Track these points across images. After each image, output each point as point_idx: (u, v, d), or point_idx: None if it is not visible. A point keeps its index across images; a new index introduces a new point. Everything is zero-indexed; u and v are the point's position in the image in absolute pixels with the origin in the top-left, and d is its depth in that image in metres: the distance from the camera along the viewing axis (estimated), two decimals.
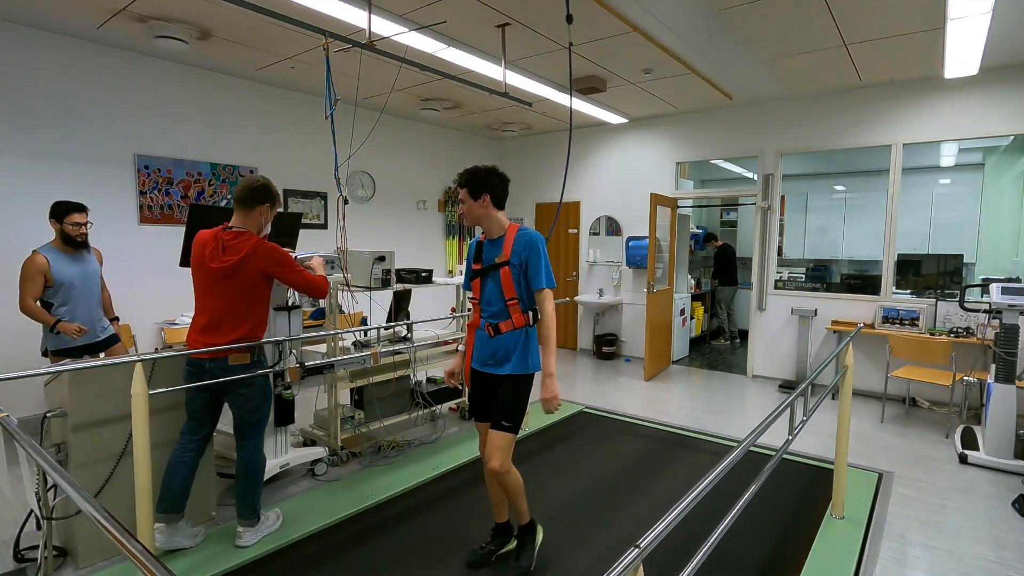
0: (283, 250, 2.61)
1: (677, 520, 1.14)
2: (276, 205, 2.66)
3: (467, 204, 2.36)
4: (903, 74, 4.94)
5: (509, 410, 2.32)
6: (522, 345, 2.34)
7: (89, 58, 4.32)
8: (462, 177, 2.37)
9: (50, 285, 3.18)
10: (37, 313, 3.16)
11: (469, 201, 2.35)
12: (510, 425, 2.31)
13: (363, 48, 3.55)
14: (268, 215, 2.62)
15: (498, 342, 2.35)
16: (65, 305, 3.24)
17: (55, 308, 3.21)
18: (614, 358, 7.04)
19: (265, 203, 2.59)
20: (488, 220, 2.36)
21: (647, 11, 3.70)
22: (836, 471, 2.95)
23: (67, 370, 2.35)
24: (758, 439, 1.68)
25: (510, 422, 2.31)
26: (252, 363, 2.61)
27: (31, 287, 3.13)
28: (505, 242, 2.32)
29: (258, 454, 2.68)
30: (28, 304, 3.14)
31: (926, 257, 5.39)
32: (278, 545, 2.66)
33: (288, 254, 2.64)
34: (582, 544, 2.70)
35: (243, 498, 2.64)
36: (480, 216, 2.36)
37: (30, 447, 1.46)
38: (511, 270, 2.29)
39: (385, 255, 3.59)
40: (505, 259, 2.30)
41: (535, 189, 7.83)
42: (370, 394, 3.79)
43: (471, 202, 2.34)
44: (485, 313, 2.38)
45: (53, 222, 3.24)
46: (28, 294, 3.13)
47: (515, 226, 2.36)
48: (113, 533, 1.04)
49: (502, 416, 2.31)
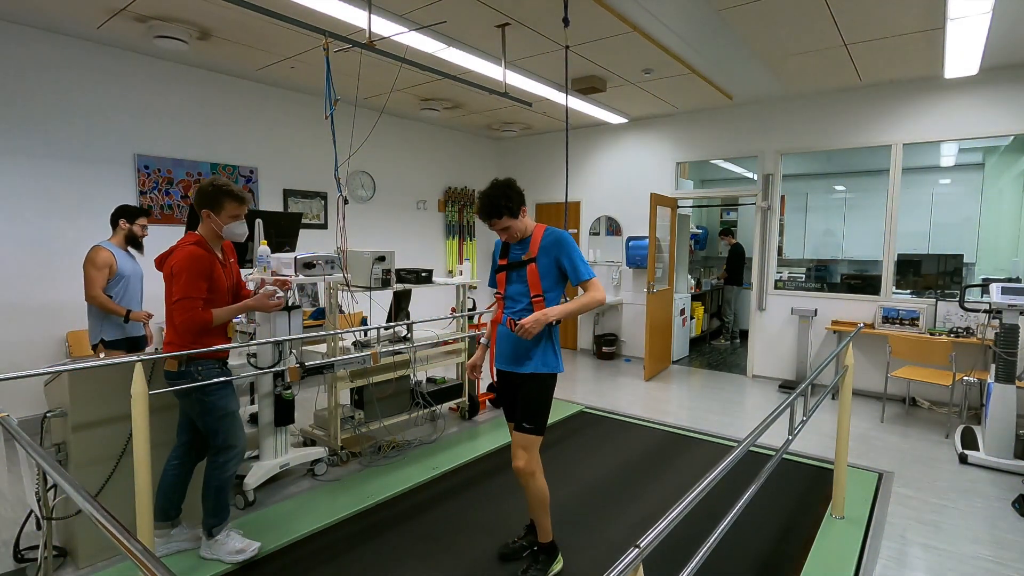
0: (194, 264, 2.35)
1: (677, 520, 1.14)
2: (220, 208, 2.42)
3: (513, 226, 2.30)
4: (903, 74, 4.94)
5: (531, 411, 2.32)
6: (544, 343, 2.33)
7: (89, 58, 4.32)
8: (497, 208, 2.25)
9: (112, 277, 3.40)
10: (108, 303, 3.37)
11: (513, 222, 2.30)
12: (531, 427, 2.31)
13: (363, 48, 3.55)
14: (216, 219, 2.43)
15: (520, 339, 2.31)
16: (121, 299, 3.46)
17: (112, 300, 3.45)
18: (614, 358, 7.04)
19: (203, 209, 2.43)
20: (529, 227, 2.37)
21: (647, 11, 3.70)
22: (836, 471, 2.95)
23: (67, 370, 2.35)
24: (758, 439, 1.68)
25: (531, 424, 2.31)
26: (178, 372, 2.42)
27: (100, 277, 3.34)
28: (532, 240, 2.33)
29: (218, 470, 2.51)
30: (99, 293, 3.34)
31: (926, 257, 5.38)
32: (278, 545, 2.66)
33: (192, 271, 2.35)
34: (582, 544, 2.70)
35: (203, 509, 2.54)
36: (527, 225, 2.36)
37: (30, 447, 1.46)
38: (538, 267, 2.30)
39: (385, 255, 3.59)
40: (532, 256, 2.32)
41: (535, 189, 7.82)
42: (370, 394, 3.79)
43: (514, 221, 2.30)
44: (509, 309, 2.39)
45: (123, 222, 3.54)
46: (97, 284, 3.34)
47: (541, 226, 2.37)
48: (113, 533, 1.04)
49: (524, 417, 2.32)
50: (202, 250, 2.43)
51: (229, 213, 2.46)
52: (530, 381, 2.33)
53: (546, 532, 2.42)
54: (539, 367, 2.32)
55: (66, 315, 4.27)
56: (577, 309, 2.28)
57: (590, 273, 2.29)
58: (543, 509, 2.37)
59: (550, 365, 2.34)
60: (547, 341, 2.34)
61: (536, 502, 2.36)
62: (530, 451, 2.31)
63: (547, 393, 2.35)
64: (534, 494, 2.35)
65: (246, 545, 2.53)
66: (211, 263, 2.44)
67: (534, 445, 2.32)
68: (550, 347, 2.35)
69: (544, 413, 2.34)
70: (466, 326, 4.56)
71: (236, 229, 2.50)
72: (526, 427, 2.31)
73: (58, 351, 4.25)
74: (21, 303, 4.08)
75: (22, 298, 4.08)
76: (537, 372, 2.32)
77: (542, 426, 2.33)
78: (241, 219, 2.52)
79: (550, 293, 2.32)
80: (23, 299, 4.09)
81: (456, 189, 7.61)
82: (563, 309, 2.26)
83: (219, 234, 2.49)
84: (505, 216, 2.27)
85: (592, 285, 2.28)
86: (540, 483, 2.34)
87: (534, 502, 2.37)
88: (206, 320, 2.37)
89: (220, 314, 2.44)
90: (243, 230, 2.54)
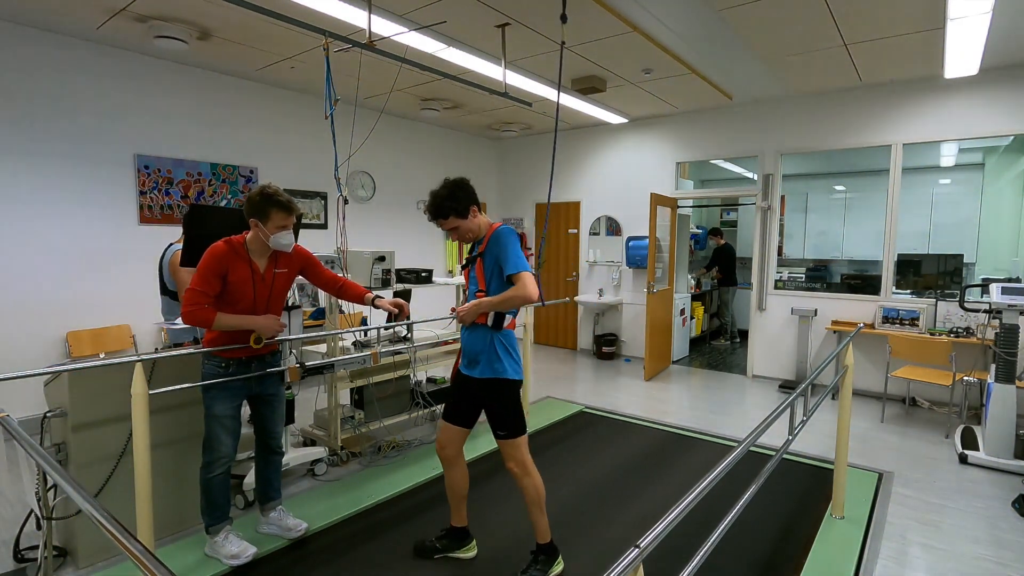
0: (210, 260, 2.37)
1: (677, 520, 1.14)
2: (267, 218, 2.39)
3: (461, 226, 2.33)
4: (903, 74, 4.94)
5: (496, 419, 2.34)
6: (489, 347, 2.31)
7: (89, 58, 4.32)
8: (441, 208, 2.30)
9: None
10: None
11: (461, 222, 2.33)
12: (503, 433, 2.32)
13: (363, 48, 3.55)
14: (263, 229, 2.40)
15: (470, 339, 2.36)
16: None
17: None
18: (614, 358, 7.04)
19: (251, 218, 2.41)
20: (483, 227, 2.39)
21: (647, 11, 3.70)
22: (836, 471, 2.95)
23: (67, 370, 2.35)
24: (758, 439, 1.68)
25: (503, 430, 2.33)
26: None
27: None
28: (485, 237, 2.36)
29: (201, 469, 2.53)
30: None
31: (926, 257, 5.38)
32: (278, 545, 2.66)
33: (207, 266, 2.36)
34: (582, 544, 2.70)
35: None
36: (479, 225, 2.38)
37: (30, 447, 1.46)
38: (484, 263, 2.33)
39: (385, 255, 3.59)
40: (480, 253, 2.35)
41: (535, 189, 7.82)
42: (370, 394, 3.79)
43: (463, 221, 2.33)
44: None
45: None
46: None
47: (496, 224, 2.40)
48: (113, 533, 1.04)
49: (494, 426, 2.35)
50: (225, 248, 2.40)
51: (276, 223, 2.41)
52: (485, 388, 2.34)
53: (543, 533, 2.41)
54: (486, 371, 2.32)
55: (66, 315, 4.27)
56: (500, 302, 2.24)
57: (518, 267, 2.22)
58: (539, 508, 2.37)
59: (497, 371, 2.31)
60: (494, 346, 2.31)
61: (531, 500, 2.36)
62: (514, 452, 2.32)
63: (504, 401, 2.33)
64: (528, 492, 2.35)
65: (241, 550, 2.52)
66: (229, 264, 2.39)
67: (515, 447, 2.32)
68: (496, 352, 2.31)
69: (510, 418, 2.33)
70: None
71: (282, 239, 2.45)
72: (499, 434, 2.33)
73: (58, 351, 4.25)
74: (21, 303, 4.08)
75: (22, 298, 4.08)
76: (484, 377, 2.32)
77: (516, 429, 2.32)
78: (288, 229, 2.47)
79: (493, 289, 2.32)
80: (23, 299, 4.09)
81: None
82: (491, 301, 2.26)
83: (267, 243, 2.45)
84: (452, 216, 2.29)
85: (519, 279, 2.21)
86: (534, 480, 2.34)
87: (529, 500, 2.37)
88: (207, 318, 2.34)
89: (223, 319, 2.39)
90: (289, 240, 2.48)
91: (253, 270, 2.47)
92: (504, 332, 2.34)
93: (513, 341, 2.38)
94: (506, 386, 2.32)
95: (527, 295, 2.20)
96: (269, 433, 2.74)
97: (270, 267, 2.53)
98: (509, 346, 2.35)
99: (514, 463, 2.33)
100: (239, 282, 2.43)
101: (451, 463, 2.49)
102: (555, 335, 7.91)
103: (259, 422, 2.73)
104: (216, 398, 2.49)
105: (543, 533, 2.41)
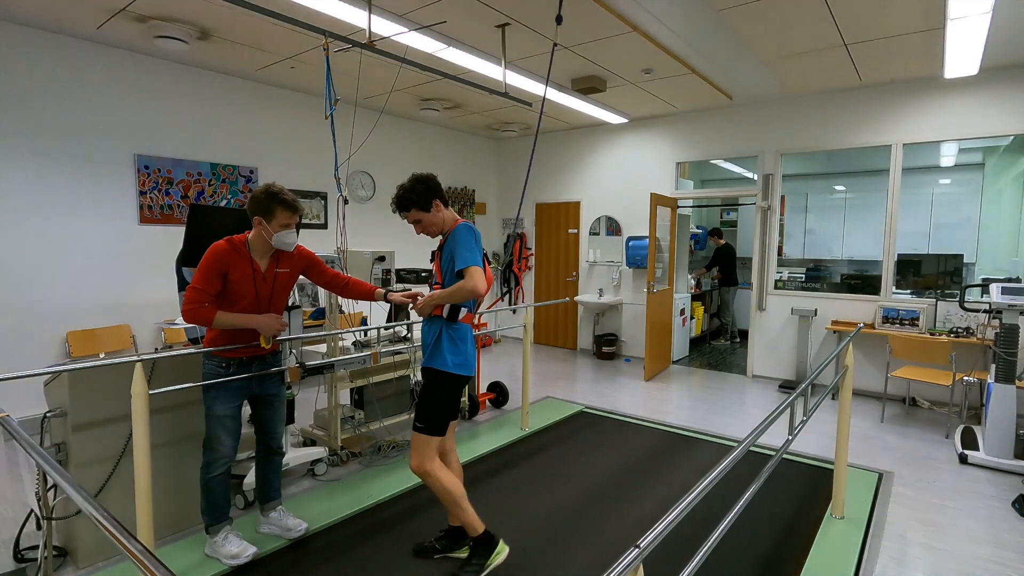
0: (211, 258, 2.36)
1: (677, 520, 1.14)
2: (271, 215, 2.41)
3: (423, 219, 2.37)
4: (903, 74, 4.94)
5: (421, 409, 2.34)
6: (436, 339, 2.32)
7: (89, 58, 4.32)
8: (403, 200, 2.35)
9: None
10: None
11: (424, 215, 2.35)
12: (421, 426, 2.32)
13: (363, 48, 3.55)
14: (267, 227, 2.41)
15: (425, 329, 2.39)
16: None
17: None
18: (614, 358, 7.04)
19: (255, 215, 2.43)
20: (447, 223, 2.41)
21: (647, 11, 3.70)
22: (836, 471, 2.95)
23: (67, 370, 2.35)
24: (758, 439, 1.68)
25: (421, 423, 2.33)
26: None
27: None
28: (446, 232, 2.40)
29: (201, 469, 2.52)
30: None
31: (926, 257, 5.38)
32: (278, 545, 2.66)
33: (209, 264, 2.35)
34: (582, 544, 2.70)
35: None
36: (443, 220, 2.40)
37: (30, 447, 1.46)
38: (441, 258, 2.37)
39: (385, 255, 3.59)
40: (441, 245, 2.40)
41: (535, 189, 7.82)
42: (370, 394, 3.79)
43: (425, 215, 2.36)
44: None
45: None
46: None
47: (459, 220, 2.42)
48: (113, 533, 1.04)
49: (416, 416, 2.36)
50: (226, 247, 2.40)
51: (280, 221, 2.42)
52: (425, 376, 2.36)
53: (471, 526, 2.38)
54: (431, 362, 2.34)
55: (66, 315, 4.27)
56: (449, 294, 2.27)
57: (467, 262, 2.24)
58: (455, 504, 2.34)
59: (435, 361, 2.32)
60: (441, 337, 2.32)
61: (442, 499, 2.34)
62: (419, 451, 2.31)
63: (436, 392, 2.33)
64: (437, 494, 2.34)
65: (241, 550, 2.52)
66: (230, 262, 2.39)
67: (423, 445, 2.31)
68: (442, 343, 2.31)
69: (431, 413, 2.32)
70: None
71: (285, 238, 2.45)
72: (417, 426, 2.34)
73: (58, 351, 4.25)
74: (21, 303, 4.08)
75: (22, 298, 4.08)
76: (427, 366, 2.34)
77: (432, 426, 2.31)
78: (292, 228, 2.48)
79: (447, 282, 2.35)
80: (23, 299, 4.09)
81: (456, 189, 7.61)
82: (442, 293, 2.30)
83: (269, 242, 2.45)
84: (413, 209, 2.35)
85: (467, 273, 2.23)
86: (437, 482, 2.32)
87: (442, 501, 2.35)
88: (207, 316, 2.34)
89: (224, 317, 2.39)
90: (292, 239, 2.49)
91: (254, 269, 2.47)
92: (457, 325, 2.34)
93: (465, 334, 2.37)
94: (440, 378, 2.31)
95: (473, 287, 2.22)
96: (269, 433, 2.74)
97: (271, 266, 2.53)
98: (458, 339, 2.34)
99: (417, 462, 2.31)
100: (240, 281, 2.42)
101: (442, 460, 2.49)
102: (555, 335, 7.91)
103: (259, 422, 2.73)
104: (216, 398, 2.49)
105: (471, 527, 2.38)
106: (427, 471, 2.31)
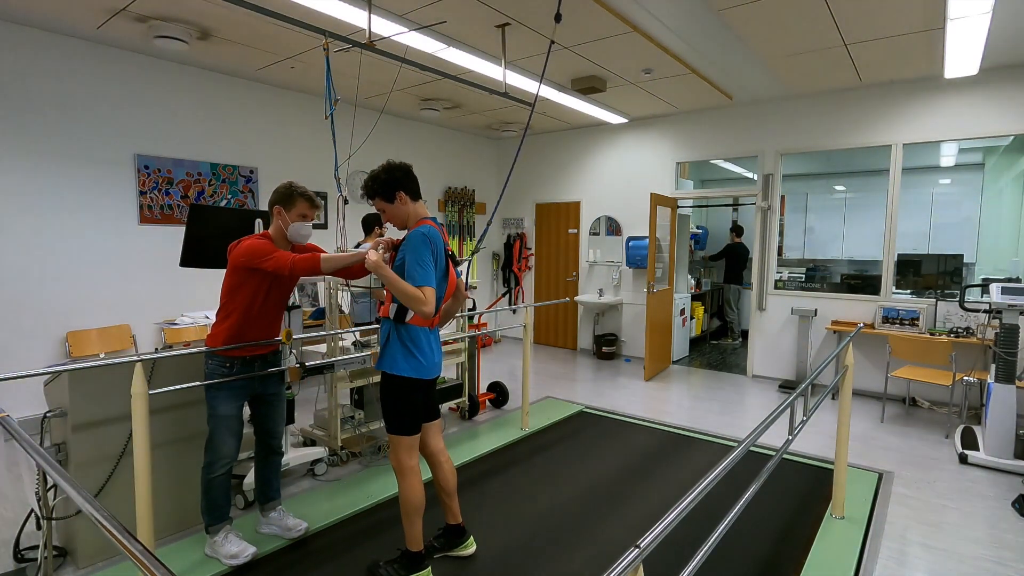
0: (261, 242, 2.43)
1: (677, 520, 1.14)
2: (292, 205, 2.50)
3: (387, 210, 2.32)
4: (903, 74, 4.94)
5: (384, 412, 2.33)
6: (386, 340, 2.29)
7: (89, 58, 4.32)
8: (367, 188, 2.32)
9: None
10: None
11: (387, 206, 2.31)
12: (388, 426, 2.32)
13: (363, 48, 3.55)
14: (285, 216, 2.50)
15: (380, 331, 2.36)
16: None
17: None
18: (614, 358, 7.04)
19: (275, 205, 2.51)
20: (412, 218, 2.34)
21: (647, 11, 3.70)
22: (836, 471, 2.95)
23: (67, 370, 2.35)
24: (758, 439, 1.68)
25: (386, 423, 2.32)
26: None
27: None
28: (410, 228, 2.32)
29: (202, 470, 2.53)
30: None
31: (926, 257, 5.38)
32: (278, 545, 2.66)
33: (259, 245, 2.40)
34: (582, 544, 2.70)
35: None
36: (407, 214, 2.33)
37: (30, 447, 1.46)
38: (396, 256, 2.28)
39: None
40: (397, 244, 2.33)
41: (535, 189, 7.83)
42: (370, 394, 3.79)
43: (387, 206, 2.31)
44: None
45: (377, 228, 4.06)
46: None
47: (425, 221, 2.32)
48: (113, 533, 1.04)
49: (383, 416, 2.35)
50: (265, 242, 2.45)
51: (299, 211, 2.50)
52: (382, 379, 2.33)
53: (411, 540, 2.32)
54: (379, 364, 2.32)
55: (66, 315, 4.27)
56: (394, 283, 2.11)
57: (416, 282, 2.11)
58: (406, 515, 2.30)
59: (387, 365, 2.27)
60: (391, 339, 2.27)
61: (401, 504, 2.32)
62: (393, 449, 2.31)
63: (391, 394, 2.28)
64: (400, 495, 2.31)
65: (241, 550, 2.52)
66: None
67: (395, 444, 2.30)
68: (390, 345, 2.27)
69: (392, 415, 2.29)
70: (466, 326, 4.56)
71: (301, 230, 2.52)
72: (386, 426, 2.33)
73: (58, 351, 4.25)
74: (21, 303, 4.08)
75: (22, 298, 4.08)
76: (378, 368, 2.33)
77: (396, 426, 2.28)
78: (309, 222, 2.54)
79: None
80: (23, 299, 4.09)
81: (456, 189, 7.61)
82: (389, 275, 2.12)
83: (285, 234, 2.50)
84: (377, 198, 2.31)
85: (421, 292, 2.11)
86: (405, 486, 2.29)
87: (400, 502, 2.32)
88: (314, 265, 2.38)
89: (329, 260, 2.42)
90: (308, 231, 2.56)
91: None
92: (406, 327, 2.25)
93: (416, 337, 2.26)
94: (394, 382, 2.27)
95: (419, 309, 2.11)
96: (269, 433, 2.74)
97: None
98: (409, 341, 2.25)
99: (394, 460, 2.31)
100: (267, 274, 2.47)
101: (431, 460, 2.50)
102: (555, 335, 7.91)
103: (259, 422, 2.73)
104: (219, 398, 2.49)
105: (411, 541, 2.33)
106: (402, 470, 2.30)
